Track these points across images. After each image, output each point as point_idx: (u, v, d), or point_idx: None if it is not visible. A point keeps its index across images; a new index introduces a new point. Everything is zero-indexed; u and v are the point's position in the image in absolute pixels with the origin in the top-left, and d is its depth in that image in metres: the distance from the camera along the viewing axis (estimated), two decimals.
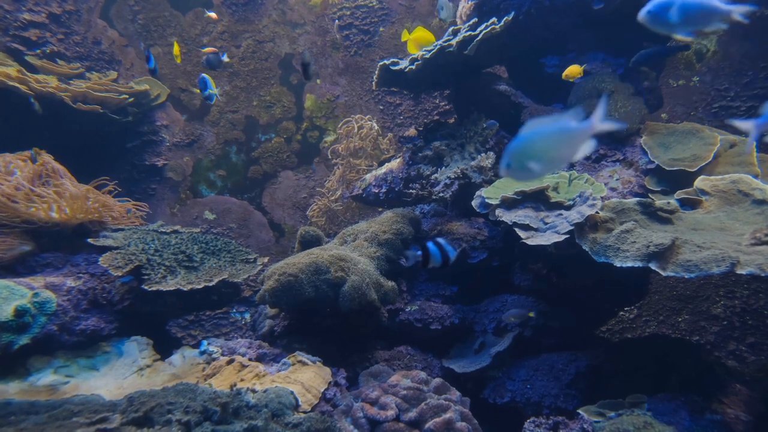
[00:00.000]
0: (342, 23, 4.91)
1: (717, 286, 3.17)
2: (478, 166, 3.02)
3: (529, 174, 1.23)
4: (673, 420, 2.01)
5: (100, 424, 1.58)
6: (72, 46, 4.40)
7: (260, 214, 4.79)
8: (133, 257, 2.67)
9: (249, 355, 2.40)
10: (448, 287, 2.90)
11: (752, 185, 2.36)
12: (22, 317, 2.24)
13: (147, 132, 4.56)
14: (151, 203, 4.48)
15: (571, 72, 2.98)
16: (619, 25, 3.12)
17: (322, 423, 1.77)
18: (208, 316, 2.77)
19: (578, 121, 1.12)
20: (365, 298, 2.37)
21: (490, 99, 3.38)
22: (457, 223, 2.99)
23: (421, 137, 3.46)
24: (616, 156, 2.94)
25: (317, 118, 4.95)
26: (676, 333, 3.18)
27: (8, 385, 2.16)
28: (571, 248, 2.27)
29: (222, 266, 2.87)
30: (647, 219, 2.33)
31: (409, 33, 3.20)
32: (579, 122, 1.12)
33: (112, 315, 2.61)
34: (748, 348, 2.99)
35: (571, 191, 2.58)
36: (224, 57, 3.08)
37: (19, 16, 4.10)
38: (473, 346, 2.72)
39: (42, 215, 2.69)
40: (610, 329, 3.31)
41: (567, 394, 2.40)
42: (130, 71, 4.70)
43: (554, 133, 1.14)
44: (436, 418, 1.93)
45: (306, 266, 2.42)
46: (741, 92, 3.80)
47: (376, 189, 3.65)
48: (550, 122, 1.13)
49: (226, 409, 1.65)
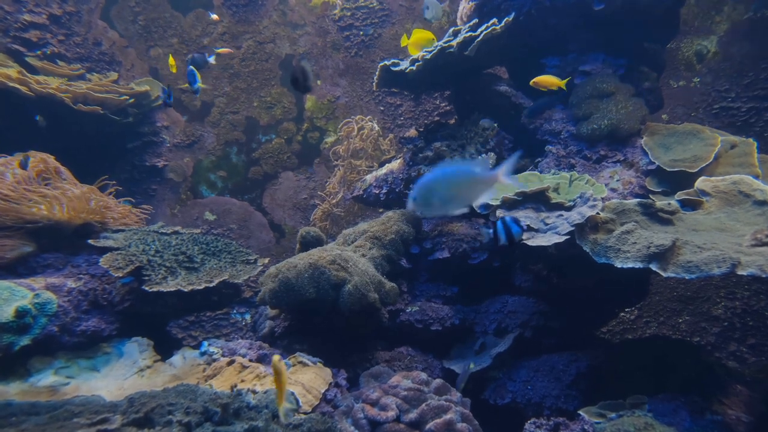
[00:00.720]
0: (342, 24, 4.92)
1: (718, 287, 3.18)
2: None
3: (431, 210, 1.33)
4: (674, 421, 2.01)
5: (101, 424, 1.58)
6: (72, 47, 4.40)
7: (261, 214, 4.79)
8: (134, 258, 2.67)
9: (249, 356, 2.40)
10: (449, 288, 2.90)
11: (753, 186, 2.36)
12: (23, 318, 2.24)
13: (147, 133, 4.57)
14: (151, 204, 4.48)
15: (543, 81, 2.84)
16: (619, 26, 3.12)
17: (323, 424, 1.77)
18: (209, 317, 2.77)
19: (485, 170, 1.21)
20: (366, 298, 2.37)
21: (491, 100, 3.38)
22: (458, 224, 2.99)
23: (422, 138, 3.46)
24: (617, 157, 2.94)
25: (318, 119, 4.95)
26: (677, 334, 3.19)
27: (9, 386, 2.16)
28: (571, 249, 2.27)
29: (222, 267, 2.87)
30: (648, 220, 2.33)
31: (408, 35, 3.20)
32: (485, 171, 1.20)
33: (112, 316, 2.61)
34: (748, 349, 2.99)
35: (572, 192, 2.58)
36: (211, 59, 3.11)
37: (19, 17, 4.10)
38: (474, 347, 2.71)
39: (44, 213, 2.69)
40: (610, 330, 3.32)
41: (568, 394, 2.40)
42: (130, 72, 4.70)
43: (459, 177, 1.22)
44: (436, 419, 1.93)
45: (307, 267, 2.42)
46: (742, 93, 3.80)
47: (376, 190, 3.65)
48: (459, 167, 1.21)
49: (227, 409, 1.65)
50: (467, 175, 1.22)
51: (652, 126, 3.03)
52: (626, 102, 2.98)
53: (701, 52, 4.01)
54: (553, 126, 3.15)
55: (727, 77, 3.88)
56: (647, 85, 3.21)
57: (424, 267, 2.98)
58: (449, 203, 1.25)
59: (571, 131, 3.08)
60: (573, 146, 3.06)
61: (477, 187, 1.24)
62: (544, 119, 3.20)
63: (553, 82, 2.87)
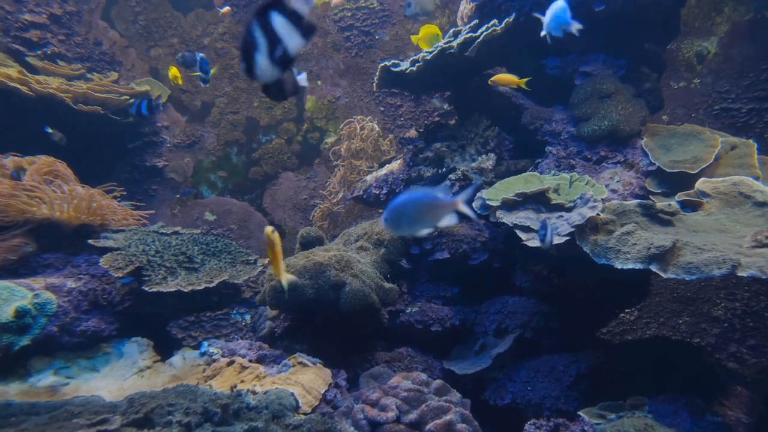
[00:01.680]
0: (343, 24, 4.92)
1: (718, 288, 3.18)
2: (479, 168, 3.02)
3: (400, 230, 1.63)
4: (674, 422, 2.01)
5: (101, 425, 1.58)
6: (73, 47, 4.40)
7: (261, 215, 4.79)
8: (134, 258, 2.67)
9: (249, 357, 2.40)
10: (449, 288, 2.90)
11: (753, 187, 2.36)
12: (23, 318, 2.24)
13: (148, 133, 4.57)
14: (151, 204, 4.48)
15: (501, 79, 2.75)
16: (620, 27, 3.12)
17: (323, 424, 1.77)
18: (209, 318, 2.77)
19: (446, 196, 1.37)
20: (366, 299, 2.37)
21: (491, 100, 3.38)
22: (458, 225, 2.99)
23: (422, 138, 3.46)
24: (617, 158, 2.94)
25: (318, 119, 4.95)
26: (677, 335, 3.19)
27: (9, 386, 2.16)
28: (572, 250, 2.27)
29: (222, 267, 2.87)
30: (648, 221, 2.33)
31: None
32: (446, 198, 1.37)
33: (112, 316, 2.61)
34: (748, 350, 2.99)
35: (572, 193, 2.58)
36: (198, 57, 3.11)
37: (20, 17, 4.10)
38: (474, 348, 2.71)
39: (45, 212, 2.69)
40: (610, 331, 3.32)
41: (568, 395, 2.40)
42: (131, 72, 4.70)
43: (423, 202, 1.39)
44: (436, 420, 1.93)
45: (307, 267, 2.42)
46: (742, 94, 3.80)
47: (376, 190, 3.65)
48: (425, 193, 1.38)
49: (227, 410, 1.65)
50: (430, 200, 1.38)
51: (653, 127, 3.03)
52: (626, 103, 2.98)
53: (701, 53, 4.01)
54: (553, 127, 3.15)
55: (728, 78, 3.88)
56: (647, 86, 3.21)
57: (424, 267, 2.98)
58: (415, 225, 1.43)
59: (572, 132, 3.08)
60: (573, 147, 3.06)
61: (439, 211, 1.40)
62: (544, 120, 3.20)
63: (512, 80, 2.84)
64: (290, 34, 1.03)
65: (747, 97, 3.78)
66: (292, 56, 1.06)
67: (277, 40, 1.03)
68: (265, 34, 1.03)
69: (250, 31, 1.02)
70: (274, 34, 1.02)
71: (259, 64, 1.05)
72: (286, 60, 1.06)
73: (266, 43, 1.03)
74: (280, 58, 1.05)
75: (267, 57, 1.04)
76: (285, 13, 1.02)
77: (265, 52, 1.04)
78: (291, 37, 1.03)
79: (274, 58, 1.04)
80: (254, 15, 1.03)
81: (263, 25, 1.02)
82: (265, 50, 1.03)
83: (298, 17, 1.02)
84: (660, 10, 3.09)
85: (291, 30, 1.03)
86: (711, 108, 3.92)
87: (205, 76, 2.94)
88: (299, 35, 1.04)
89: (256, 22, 1.02)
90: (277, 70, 1.07)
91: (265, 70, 1.06)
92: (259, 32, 1.02)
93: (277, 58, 1.05)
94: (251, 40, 1.03)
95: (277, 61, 1.05)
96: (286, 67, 1.09)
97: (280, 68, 1.07)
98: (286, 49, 1.05)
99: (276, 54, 1.04)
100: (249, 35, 1.03)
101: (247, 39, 1.03)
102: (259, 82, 1.10)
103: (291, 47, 1.05)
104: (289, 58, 1.06)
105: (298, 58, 4.90)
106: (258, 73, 1.06)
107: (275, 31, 1.02)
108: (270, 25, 1.02)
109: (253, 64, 1.04)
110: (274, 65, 1.06)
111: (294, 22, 1.02)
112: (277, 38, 1.03)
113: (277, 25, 1.02)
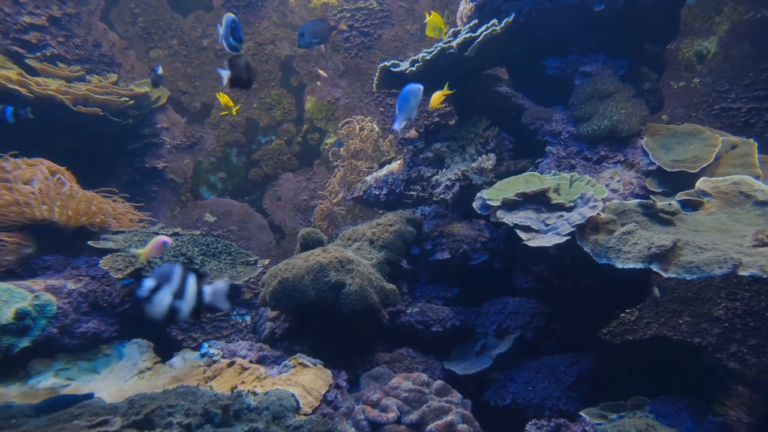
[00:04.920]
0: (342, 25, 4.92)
1: (718, 288, 3.17)
2: (479, 168, 3.02)
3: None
4: (676, 422, 2.01)
5: (101, 426, 1.57)
6: (72, 49, 4.40)
7: (261, 216, 4.79)
8: (134, 259, 2.67)
9: (250, 358, 2.40)
10: (449, 289, 2.89)
11: (754, 186, 2.36)
12: (23, 320, 2.24)
13: (147, 134, 4.57)
14: (151, 205, 4.48)
15: (435, 101, 2.73)
16: (620, 27, 3.12)
17: (323, 425, 1.76)
18: (209, 319, 2.77)
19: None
20: (366, 300, 2.37)
21: (491, 100, 3.37)
22: (458, 225, 2.98)
23: (422, 139, 3.45)
24: (618, 157, 2.94)
25: (318, 120, 4.95)
26: (678, 335, 3.18)
27: (9, 388, 2.15)
28: (572, 250, 2.27)
29: (223, 268, 2.87)
30: (649, 220, 2.32)
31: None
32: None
33: (112, 317, 2.61)
34: (749, 350, 2.98)
35: (573, 193, 2.58)
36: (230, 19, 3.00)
37: (19, 19, 4.10)
38: (474, 348, 2.71)
39: (45, 214, 2.69)
40: (611, 331, 3.31)
41: (569, 396, 2.39)
42: (130, 74, 4.70)
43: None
44: (437, 421, 1.93)
45: (307, 268, 2.42)
46: (742, 94, 3.80)
47: (376, 191, 3.64)
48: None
49: (227, 411, 1.64)
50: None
51: (653, 127, 3.03)
52: (627, 103, 2.97)
53: (701, 53, 4.01)
54: (554, 126, 3.15)
55: (728, 78, 3.88)
56: (647, 86, 3.21)
57: (425, 268, 2.98)
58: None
59: (572, 132, 3.08)
60: (573, 147, 3.06)
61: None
62: (544, 120, 3.20)
63: (441, 95, 2.72)
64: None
65: (747, 96, 3.78)
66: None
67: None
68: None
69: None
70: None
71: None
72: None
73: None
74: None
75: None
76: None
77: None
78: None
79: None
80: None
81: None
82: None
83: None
84: (660, 10, 3.09)
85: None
86: (711, 107, 3.92)
87: (234, 44, 2.77)
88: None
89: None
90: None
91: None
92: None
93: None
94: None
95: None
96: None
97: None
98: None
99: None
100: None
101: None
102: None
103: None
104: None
105: (298, 58, 4.89)
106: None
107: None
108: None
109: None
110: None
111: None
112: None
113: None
